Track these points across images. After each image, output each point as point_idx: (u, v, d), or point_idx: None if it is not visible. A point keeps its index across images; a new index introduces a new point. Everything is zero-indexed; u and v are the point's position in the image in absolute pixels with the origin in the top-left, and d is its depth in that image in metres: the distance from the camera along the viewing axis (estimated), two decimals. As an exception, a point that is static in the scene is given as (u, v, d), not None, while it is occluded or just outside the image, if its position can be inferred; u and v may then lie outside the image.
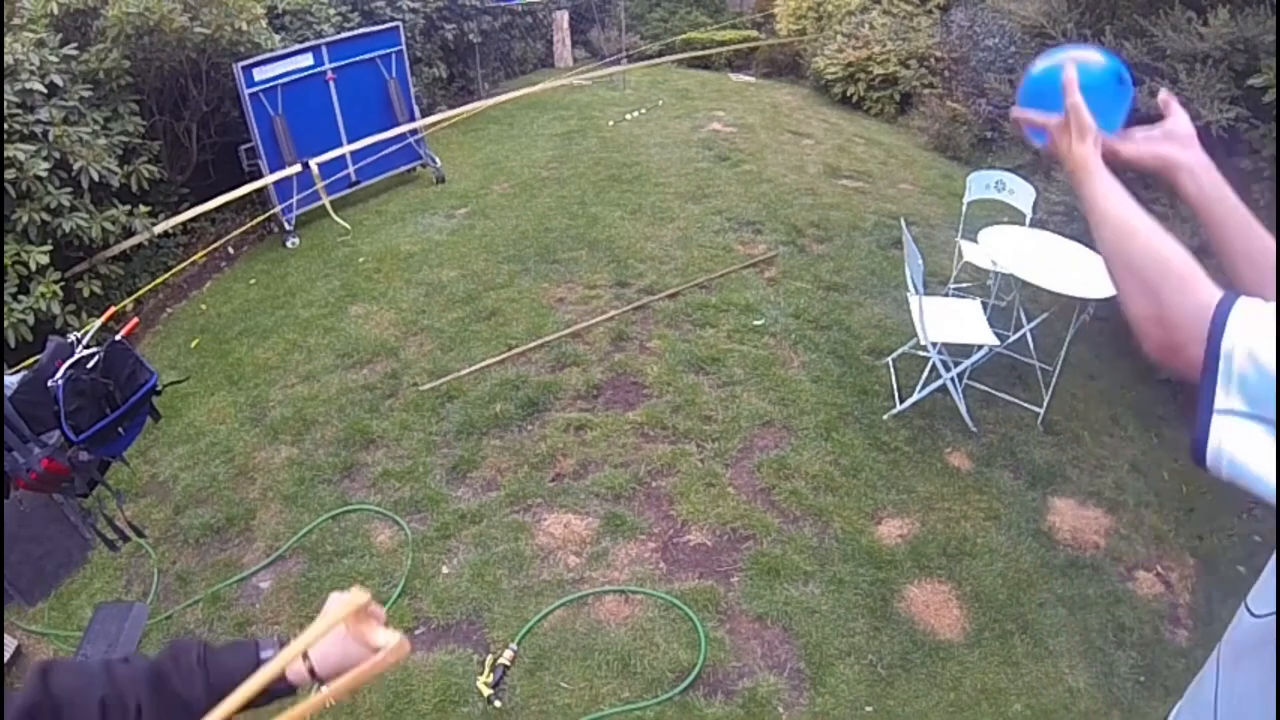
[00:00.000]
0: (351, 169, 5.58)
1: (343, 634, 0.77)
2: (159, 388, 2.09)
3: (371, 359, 3.79)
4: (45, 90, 3.77)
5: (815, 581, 2.60)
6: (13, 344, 3.39)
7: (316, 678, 0.78)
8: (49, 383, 1.84)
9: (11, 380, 1.87)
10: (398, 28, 5.81)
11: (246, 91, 4.77)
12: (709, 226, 4.96)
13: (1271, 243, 0.90)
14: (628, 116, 7.20)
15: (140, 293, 4.30)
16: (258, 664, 0.78)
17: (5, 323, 3.37)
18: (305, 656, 0.78)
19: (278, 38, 5.32)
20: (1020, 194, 3.76)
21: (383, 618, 0.81)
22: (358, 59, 5.49)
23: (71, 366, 1.87)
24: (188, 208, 4.67)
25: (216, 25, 4.51)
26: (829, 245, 4.76)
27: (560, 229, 4.97)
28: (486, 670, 2.30)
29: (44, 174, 3.60)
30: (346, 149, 5.32)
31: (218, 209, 4.75)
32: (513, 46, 8.87)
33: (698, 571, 2.65)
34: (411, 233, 5.10)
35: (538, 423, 3.31)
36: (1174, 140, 0.96)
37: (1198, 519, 2.99)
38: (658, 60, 7.84)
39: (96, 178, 3.85)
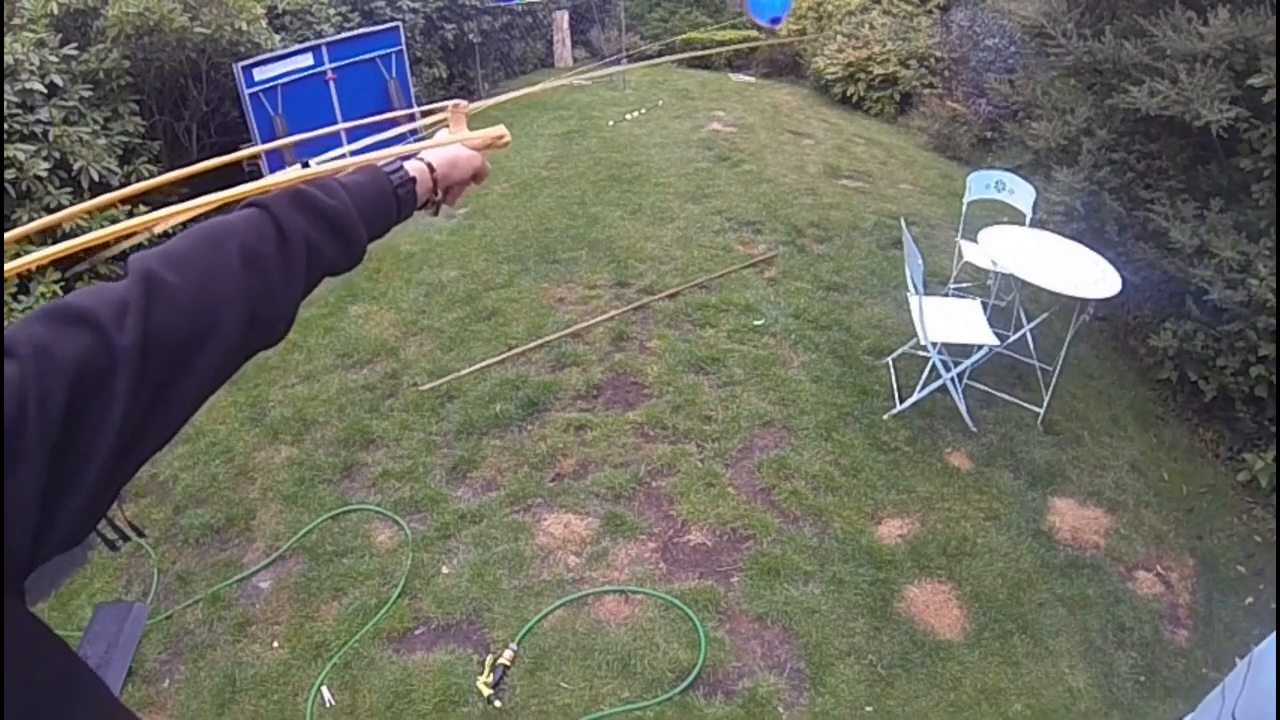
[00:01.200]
0: (352, 169, 5.58)
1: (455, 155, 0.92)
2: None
3: (371, 359, 3.79)
4: (45, 90, 3.77)
5: (815, 581, 2.60)
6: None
7: (433, 170, 0.91)
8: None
9: None
10: (398, 28, 5.82)
11: (246, 91, 4.78)
12: (709, 226, 4.96)
13: None
14: (628, 116, 7.20)
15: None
16: (384, 175, 0.86)
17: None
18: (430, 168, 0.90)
19: (278, 38, 5.32)
20: (1020, 194, 3.77)
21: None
22: (358, 59, 5.50)
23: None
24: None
25: (216, 25, 4.51)
26: (829, 245, 4.76)
27: (560, 229, 4.97)
28: (486, 670, 2.30)
29: (44, 174, 3.60)
30: (347, 149, 5.27)
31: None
32: (513, 46, 8.87)
33: (698, 571, 2.65)
34: (411, 232, 5.09)
35: (538, 423, 3.31)
36: None
37: (1198, 519, 2.99)
38: (658, 60, 7.85)
39: (96, 178, 3.85)
